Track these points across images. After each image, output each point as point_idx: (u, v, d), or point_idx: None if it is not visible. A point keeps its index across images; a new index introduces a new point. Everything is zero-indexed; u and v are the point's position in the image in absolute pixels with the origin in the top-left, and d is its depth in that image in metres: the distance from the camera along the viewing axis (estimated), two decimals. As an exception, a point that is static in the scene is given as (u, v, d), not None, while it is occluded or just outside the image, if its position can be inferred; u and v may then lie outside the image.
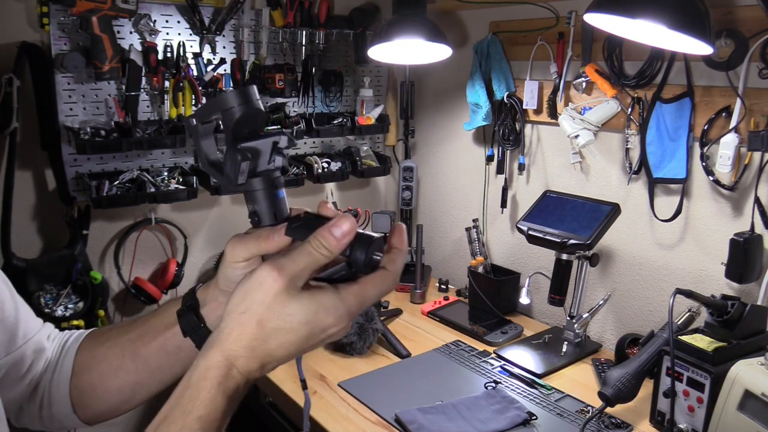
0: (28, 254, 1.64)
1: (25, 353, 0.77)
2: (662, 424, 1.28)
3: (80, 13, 1.53)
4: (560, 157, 1.81)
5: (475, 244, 1.96)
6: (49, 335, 0.82)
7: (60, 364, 0.78)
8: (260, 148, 0.58)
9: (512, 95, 1.86)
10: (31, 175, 1.68)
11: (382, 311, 1.90)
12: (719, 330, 1.22)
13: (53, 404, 0.77)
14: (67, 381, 0.77)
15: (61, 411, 0.77)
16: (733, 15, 1.33)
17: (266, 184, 0.59)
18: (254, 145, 0.58)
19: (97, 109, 1.69)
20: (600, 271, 1.73)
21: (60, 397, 0.77)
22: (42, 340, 0.79)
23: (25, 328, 0.78)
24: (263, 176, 0.59)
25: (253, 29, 1.86)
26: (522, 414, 1.33)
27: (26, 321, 0.79)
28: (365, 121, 2.05)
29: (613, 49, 1.56)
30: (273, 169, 0.59)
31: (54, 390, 0.77)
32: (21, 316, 0.78)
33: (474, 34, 2.00)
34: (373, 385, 1.49)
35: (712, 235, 1.47)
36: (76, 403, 0.77)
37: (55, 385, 0.77)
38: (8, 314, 0.76)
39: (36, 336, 0.79)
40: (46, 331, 0.82)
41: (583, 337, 1.68)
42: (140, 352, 0.72)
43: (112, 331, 0.77)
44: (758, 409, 1.06)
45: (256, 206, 0.60)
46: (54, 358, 0.79)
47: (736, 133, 1.36)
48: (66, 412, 0.77)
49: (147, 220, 1.84)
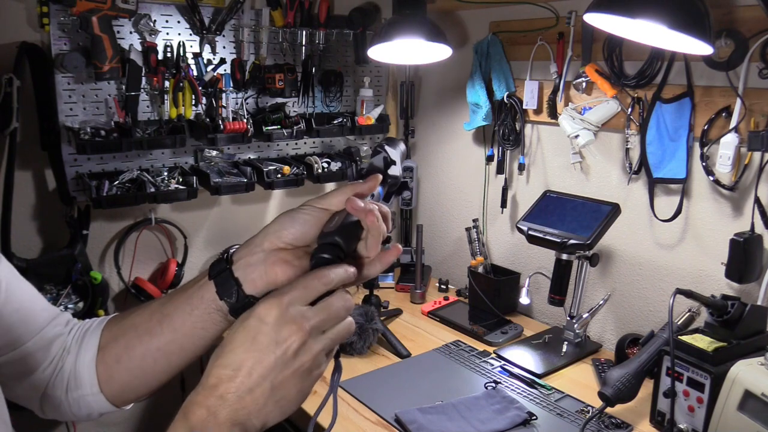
0: (28, 254, 1.64)
1: (43, 340, 0.76)
2: (662, 424, 1.28)
3: (80, 13, 1.53)
4: (560, 157, 1.81)
5: (475, 244, 1.96)
6: (68, 321, 0.81)
7: (84, 344, 0.77)
8: None
9: (512, 95, 1.86)
10: (31, 175, 1.67)
11: (382, 311, 1.90)
12: (719, 330, 1.22)
13: (80, 385, 0.76)
14: (93, 358, 0.76)
15: (87, 391, 0.76)
16: (733, 15, 1.33)
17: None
18: None
19: (97, 109, 1.69)
20: (600, 271, 1.73)
21: (86, 376, 0.76)
22: (59, 327, 0.79)
23: (41, 315, 0.78)
24: None
25: (253, 29, 1.86)
26: (522, 414, 1.33)
27: (42, 309, 0.79)
28: (365, 121, 2.05)
29: (613, 49, 1.56)
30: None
31: (80, 369, 0.76)
32: (35, 305, 0.78)
33: (474, 34, 2.00)
34: (373, 385, 1.49)
35: (712, 235, 1.47)
36: (102, 380, 0.76)
37: (80, 365, 0.76)
38: (22, 303, 0.75)
39: (52, 323, 0.79)
40: (64, 318, 0.81)
41: (583, 337, 1.68)
42: (167, 310, 0.71)
43: (145, 304, 0.76)
44: (758, 409, 1.06)
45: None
46: (76, 341, 0.78)
47: (736, 133, 1.36)
48: (93, 392, 0.76)
49: (147, 220, 1.84)
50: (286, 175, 1.89)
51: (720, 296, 1.24)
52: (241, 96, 1.89)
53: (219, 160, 1.89)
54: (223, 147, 1.88)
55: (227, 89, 1.83)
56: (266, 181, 1.86)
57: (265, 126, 1.86)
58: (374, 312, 1.67)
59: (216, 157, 1.89)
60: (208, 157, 1.88)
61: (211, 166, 1.87)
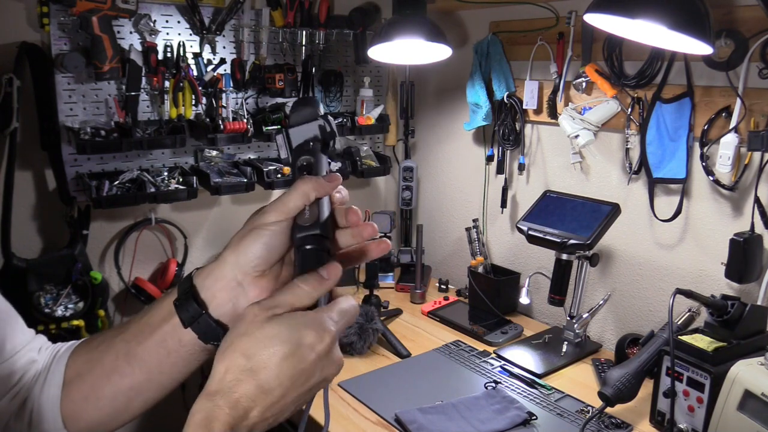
0: (28, 254, 1.63)
1: (13, 367, 0.70)
2: (662, 424, 1.28)
3: (80, 13, 1.53)
4: (560, 157, 1.81)
5: (475, 244, 1.96)
6: (40, 347, 0.74)
7: (49, 377, 0.71)
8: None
9: (512, 95, 1.86)
10: (31, 175, 1.68)
11: (382, 311, 1.90)
12: (719, 330, 1.22)
13: (42, 420, 0.70)
14: (57, 393, 0.70)
15: (50, 427, 0.70)
16: (733, 15, 1.33)
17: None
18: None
19: (97, 109, 1.69)
20: (600, 271, 1.73)
21: (49, 412, 0.70)
22: (32, 353, 0.73)
23: (14, 340, 0.71)
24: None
25: (253, 29, 1.86)
26: (522, 414, 1.33)
27: (14, 332, 0.72)
28: (365, 121, 2.05)
29: (613, 49, 1.56)
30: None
31: (44, 404, 0.70)
32: (9, 326, 0.72)
33: (474, 34, 2.00)
34: (373, 385, 1.49)
35: (712, 235, 1.47)
36: (67, 417, 0.70)
37: (45, 399, 0.70)
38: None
39: (25, 348, 0.72)
40: (38, 343, 0.75)
41: (583, 337, 1.68)
42: (136, 351, 0.65)
43: (105, 335, 0.70)
44: (758, 409, 1.06)
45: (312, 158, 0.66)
46: (44, 371, 0.72)
47: (736, 133, 1.36)
48: (56, 427, 0.70)
49: (147, 220, 1.84)
50: (286, 175, 1.89)
51: (720, 296, 1.24)
52: (241, 96, 1.90)
53: (219, 160, 1.89)
54: (223, 147, 1.88)
55: (227, 89, 1.83)
56: (266, 181, 1.86)
57: (265, 126, 1.86)
58: (374, 312, 1.67)
59: (216, 157, 1.89)
60: (208, 157, 1.88)
61: (211, 166, 1.87)
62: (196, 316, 0.62)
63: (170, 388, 0.68)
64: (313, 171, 0.65)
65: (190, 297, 0.62)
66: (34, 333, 0.76)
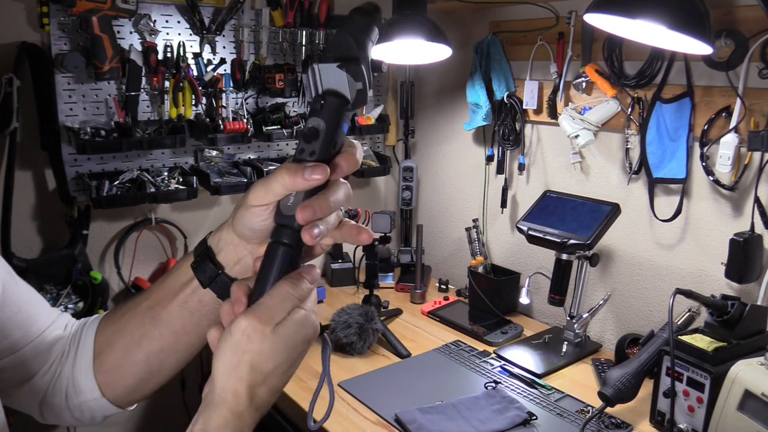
0: (28, 254, 1.64)
1: (41, 346, 0.75)
2: (662, 424, 1.28)
3: (80, 13, 1.53)
4: (560, 157, 1.81)
5: (475, 244, 1.96)
6: (66, 324, 0.79)
7: (80, 350, 0.75)
8: None
9: (512, 95, 1.86)
10: (31, 175, 1.67)
11: (382, 311, 1.90)
12: (719, 330, 1.23)
13: (80, 392, 0.75)
14: (89, 365, 0.74)
15: (88, 397, 0.75)
16: (733, 15, 1.33)
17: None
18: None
19: (97, 109, 1.69)
20: (600, 271, 1.73)
21: (85, 383, 0.74)
22: (58, 330, 0.77)
23: (39, 320, 0.76)
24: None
25: (253, 29, 1.86)
26: (522, 414, 1.33)
27: (39, 313, 0.76)
28: (365, 121, 2.05)
29: (613, 49, 1.56)
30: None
31: (77, 376, 0.75)
32: (34, 308, 0.76)
33: (474, 34, 2.00)
34: (373, 385, 1.49)
35: (712, 235, 1.47)
36: (103, 385, 0.74)
37: (77, 372, 0.74)
38: (20, 306, 0.74)
39: (51, 327, 0.77)
40: (63, 321, 0.79)
41: (583, 337, 1.68)
42: (161, 315, 0.69)
43: (128, 304, 0.73)
44: (758, 409, 1.06)
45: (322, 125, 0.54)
46: (73, 346, 0.76)
47: (736, 133, 1.36)
48: (94, 397, 0.74)
49: (147, 220, 1.84)
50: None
51: (720, 296, 1.24)
52: (241, 96, 1.89)
53: (219, 160, 1.89)
54: (223, 147, 1.88)
55: (227, 89, 1.83)
56: (266, 181, 1.86)
57: (265, 126, 1.86)
58: (374, 312, 1.67)
59: (216, 157, 1.89)
60: (208, 157, 1.88)
61: (211, 166, 1.87)
62: (214, 276, 0.64)
63: (198, 347, 0.71)
64: (316, 144, 0.55)
65: (207, 258, 0.65)
66: (59, 312, 0.80)
